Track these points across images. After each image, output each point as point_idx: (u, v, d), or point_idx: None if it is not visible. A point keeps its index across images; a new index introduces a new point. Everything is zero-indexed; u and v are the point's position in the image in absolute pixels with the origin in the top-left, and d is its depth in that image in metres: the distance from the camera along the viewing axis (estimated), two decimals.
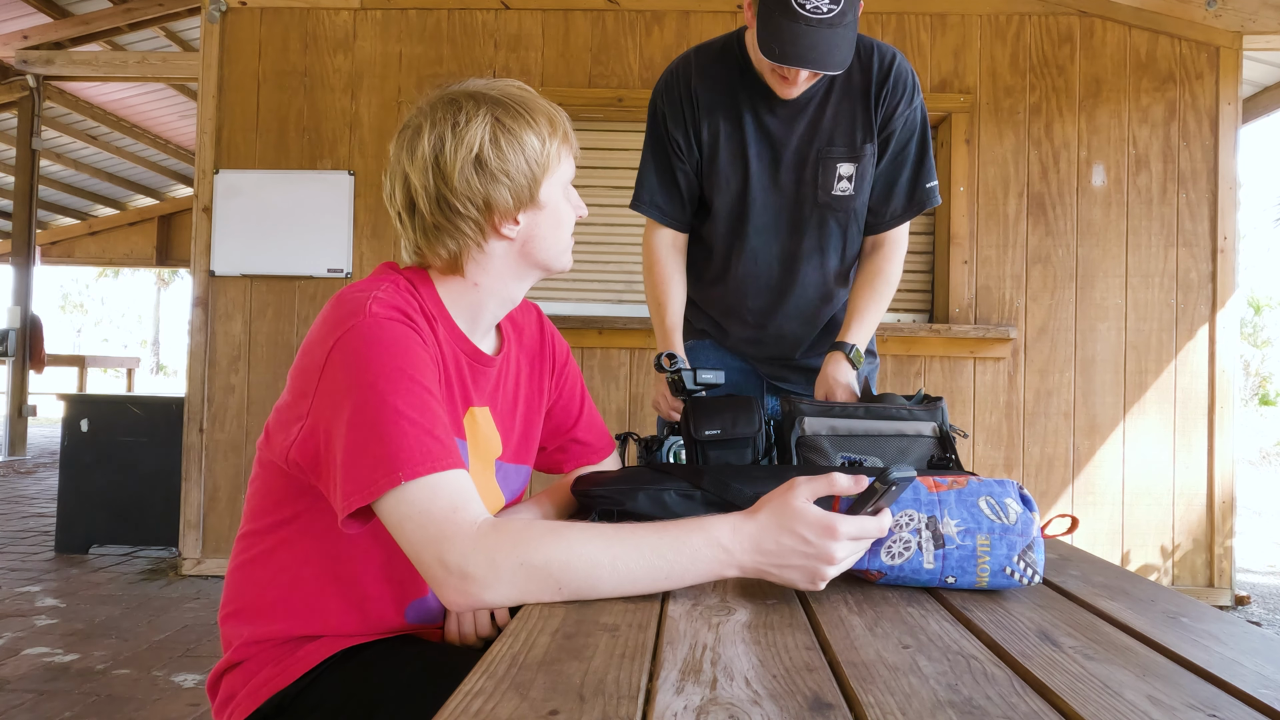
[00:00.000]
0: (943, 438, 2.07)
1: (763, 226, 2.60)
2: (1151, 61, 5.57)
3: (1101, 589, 1.45)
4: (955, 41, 5.63)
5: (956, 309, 5.54)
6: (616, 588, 1.27)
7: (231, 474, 5.74)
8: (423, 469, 1.33)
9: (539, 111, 1.63)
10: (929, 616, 1.25)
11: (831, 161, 2.54)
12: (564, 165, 1.68)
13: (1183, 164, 5.53)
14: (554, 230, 1.69)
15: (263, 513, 1.62)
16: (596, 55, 5.73)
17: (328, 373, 1.43)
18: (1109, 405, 5.53)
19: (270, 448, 1.56)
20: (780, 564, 1.28)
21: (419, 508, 1.32)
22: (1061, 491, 5.53)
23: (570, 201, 1.72)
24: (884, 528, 1.31)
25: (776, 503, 1.30)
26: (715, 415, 2.12)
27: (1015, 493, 1.40)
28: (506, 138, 1.58)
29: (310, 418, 1.46)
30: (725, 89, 2.52)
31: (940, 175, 5.67)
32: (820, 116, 2.52)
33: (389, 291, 1.54)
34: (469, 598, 1.29)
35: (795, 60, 2.20)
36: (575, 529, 1.31)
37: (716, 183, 2.57)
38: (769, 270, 2.64)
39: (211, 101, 5.81)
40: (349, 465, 1.36)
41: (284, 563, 1.59)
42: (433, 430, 1.38)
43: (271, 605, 1.59)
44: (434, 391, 1.44)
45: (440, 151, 1.57)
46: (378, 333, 1.44)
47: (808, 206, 2.58)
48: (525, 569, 1.26)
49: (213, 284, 5.78)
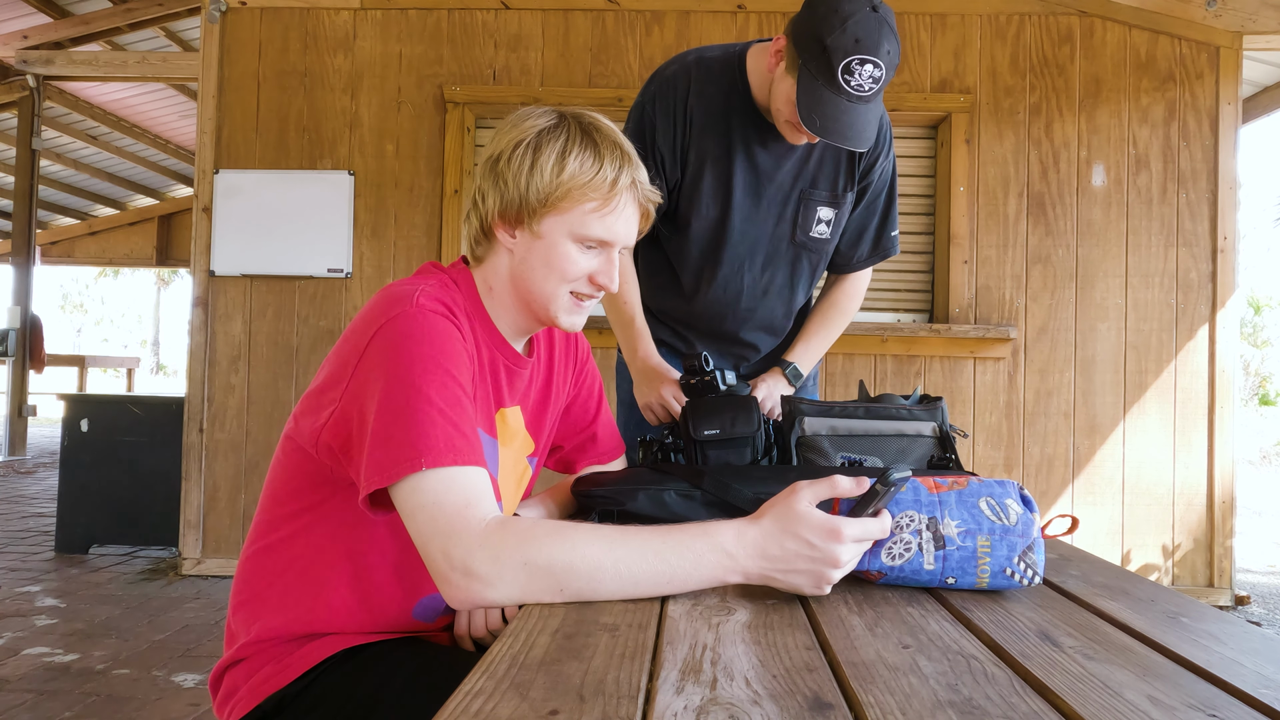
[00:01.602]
0: (943, 438, 2.07)
1: (737, 256, 2.60)
2: (1151, 61, 5.57)
3: (1101, 589, 1.45)
4: (955, 41, 5.63)
5: (956, 309, 5.54)
6: (618, 590, 1.27)
7: (231, 474, 5.74)
8: (445, 459, 1.35)
9: (592, 153, 1.62)
10: (929, 617, 1.26)
11: (813, 204, 2.57)
12: (589, 222, 1.63)
13: (1183, 164, 5.53)
14: (543, 269, 1.66)
15: (283, 499, 1.63)
16: (596, 55, 5.73)
17: (367, 357, 1.47)
18: (1109, 405, 5.53)
19: (299, 432, 1.58)
20: (786, 569, 1.28)
21: (433, 498, 1.33)
22: (1062, 491, 5.53)
23: (580, 260, 1.67)
24: (886, 529, 1.32)
25: (780, 507, 1.30)
26: (714, 415, 2.12)
27: (1015, 493, 1.40)
28: (531, 153, 1.61)
29: (343, 400, 1.49)
30: (720, 113, 2.49)
31: (940, 175, 5.68)
32: (807, 158, 2.54)
33: (435, 287, 1.58)
34: (471, 594, 1.30)
35: (835, 136, 2.20)
36: (580, 530, 1.31)
37: (695, 206, 2.55)
38: (738, 298, 2.66)
39: (211, 101, 5.81)
40: (376, 446, 1.39)
41: (298, 551, 1.61)
42: (460, 425, 1.40)
43: (281, 595, 1.60)
44: (466, 388, 1.47)
45: (490, 145, 1.70)
46: (421, 324, 1.47)
47: (785, 244, 2.61)
48: (528, 568, 1.27)
49: (213, 284, 5.78)
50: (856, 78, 2.14)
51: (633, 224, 1.70)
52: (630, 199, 1.67)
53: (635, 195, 1.68)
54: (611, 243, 1.67)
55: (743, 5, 5.65)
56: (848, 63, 2.13)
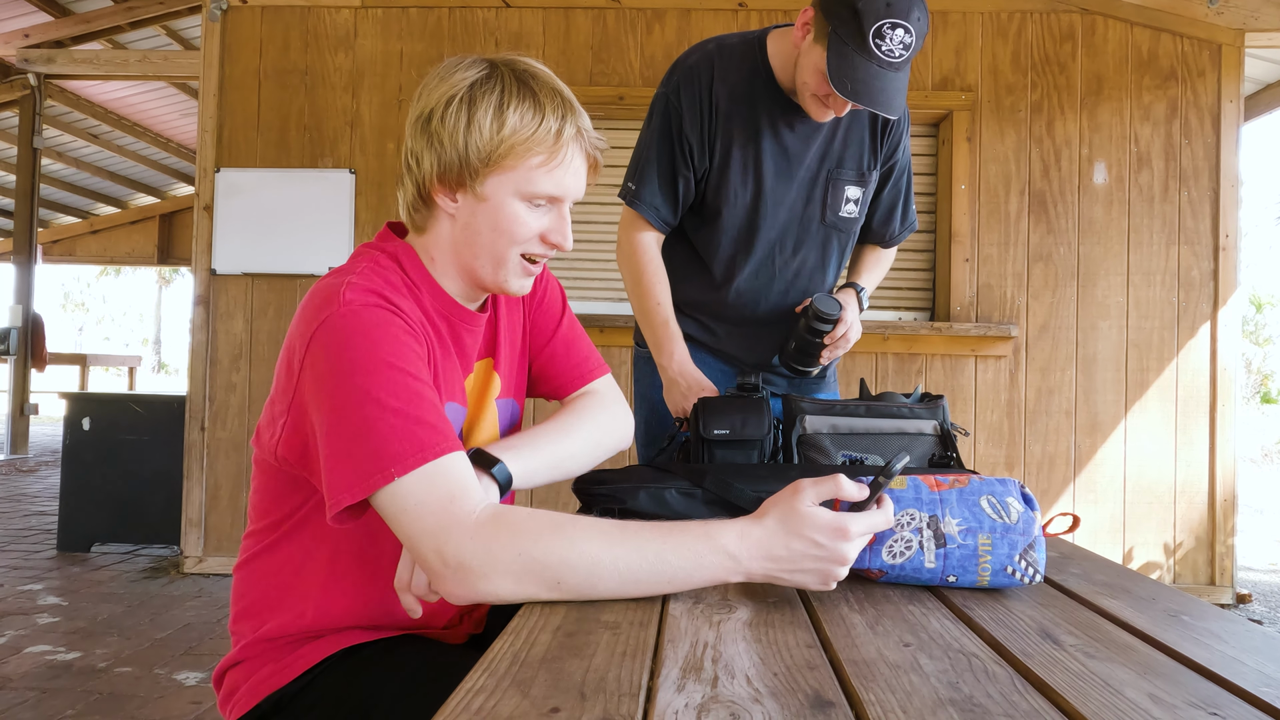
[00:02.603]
0: (944, 436, 2.07)
1: (768, 241, 2.60)
2: (1153, 59, 5.56)
3: (1103, 587, 1.45)
4: (956, 39, 5.63)
5: (958, 307, 5.53)
6: (617, 589, 1.26)
7: (233, 472, 5.75)
8: (414, 461, 1.30)
9: (531, 104, 1.52)
10: (930, 615, 1.26)
11: (841, 183, 2.58)
12: (536, 179, 1.54)
13: (1184, 162, 5.53)
14: (490, 233, 1.57)
15: (263, 512, 1.61)
16: (597, 53, 5.73)
17: (307, 368, 1.40)
18: (1110, 403, 5.53)
19: (260, 445, 1.56)
20: (792, 569, 1.26)
21: (414, 500, 1.30)
22: (1063, 490, 5.53)
23: (529, 219, 1.58)
24: (890, 519, 1.31)
25: (783, 507, 1.28)
26: (725, 415, 2.13)
27: (1017, 491, 1.40)
28: (466, 109, 1.51)
29: (291, 413, 1.45)
30: (745, 98, 2.49)
31: (941, 173, 5.69)
32: (833, 138, 2.55)
33: (364, 274, 1.49)
34: (466, 587, 1.27)
35: (867, 100, 2.19)
36: (579, 524, 1.29)
37: (726, 194, 2.54)
38: (770, 282, 2.65)
39: (212, 100, 5.82)
40: (337, 462, 1.34)
41: (288, 554, 1.59)
42: (421, 417, 1.34)
43: (279, 596, 1.59)
44: (420, 374, 1.41)
45: (416, 101, 1.57)
46: (354, 322, 1.39)
47: (815, 225, 2.61)
48: (523, 561, 1.25)
49: (214, 282, 5.78)
50: (887, 42, 2.14)
51: (581, 175, 1.60)
52: (577, 150, 1.57)
53: (582, 145, 1.57)
54: (561, 198, 1.57)
55: (744, 3, 5.65)
56: (879, 26, 2.13)
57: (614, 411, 1.87)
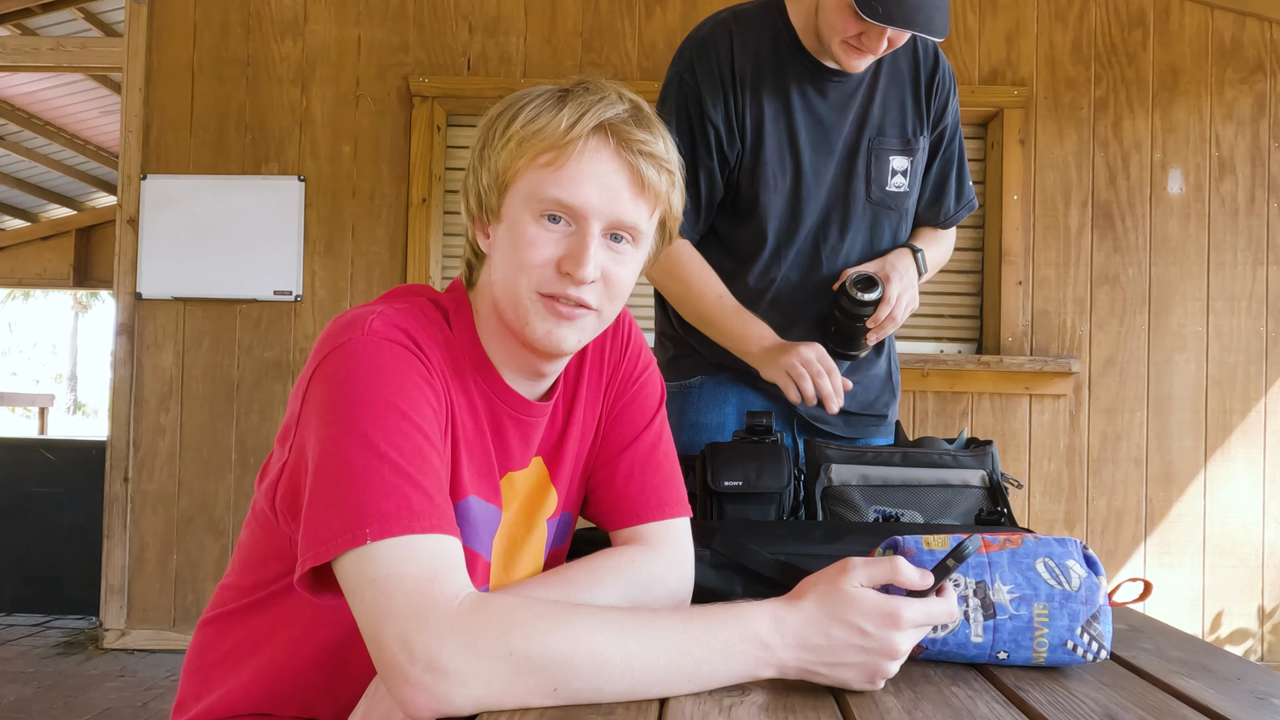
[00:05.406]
0: (993, 488, 2.07)
1: (811, 227, 2.55)
2: (1237, 48, 5.58)
3: (1179, 665, 1.45)
4: (1008, 25, 5.65)
5: (1009, 338, 5.53)
6: (627, 691, 1.19)
7: (161, 530, 5.70)
8: (398, 526, 1.22)
9: (555, 101, 1.45)
10: (977, 697, 1.26)
11: (885, 153, 2.55)
12: (543, 181, 1.41)
13: (1274, 168, 5.54)
14: (504, 263, 1.46)
15: (247, 567, 1.59)
16: (588, 41, 5.75)
17: (310, 397, 1.36)
18: (1188, 450, 5.51)
19: (260, 490, 1.53)
20: (832, 662, 1.22)
21: (385, 571, 1.20)
22: (1132, 551, 5.52)
23: (542, 241, 1.42)
24: (954, 613, 1.28)
25: (825, 586, 1.25)
26: (737, 464, 2.08)
27: (1078, 553, 1.40)
28: (503, 125, 1.45)
29: (292, 453, 1.40)
30: (771, 64, 2.47)
31: (990, 181, 5.69)
32: (870, 103, 2.53)
33: (400, 312, 1.42)
34: (433, 698, 1.15)
35: (902, 20, 2.13)
36: (580, 612, 1.23)
37: (763, 177, 2.48)
38: (815, 282, 2.57)
39: (138, 95, 5.83)
40: (311, 513, 1.27)
41: (259, 621, 1.56)
42: (420, 481, 1.27)
43: (236, 667, 1.56)
44: (432, 436, 1.34)
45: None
46: (371, 353, 1.34)
47: (859, 204, 2.56)
48: (514, 661, 1.16)
49: (139, 308, 5.78)
50: None
51: (611, 189, 1.42)
52: (602, 152, 1.42)
53: (612, 147, 1.43)
54: (579, 209, 1.41)
55: None
56: None
57: (671, 577, 1.60)
